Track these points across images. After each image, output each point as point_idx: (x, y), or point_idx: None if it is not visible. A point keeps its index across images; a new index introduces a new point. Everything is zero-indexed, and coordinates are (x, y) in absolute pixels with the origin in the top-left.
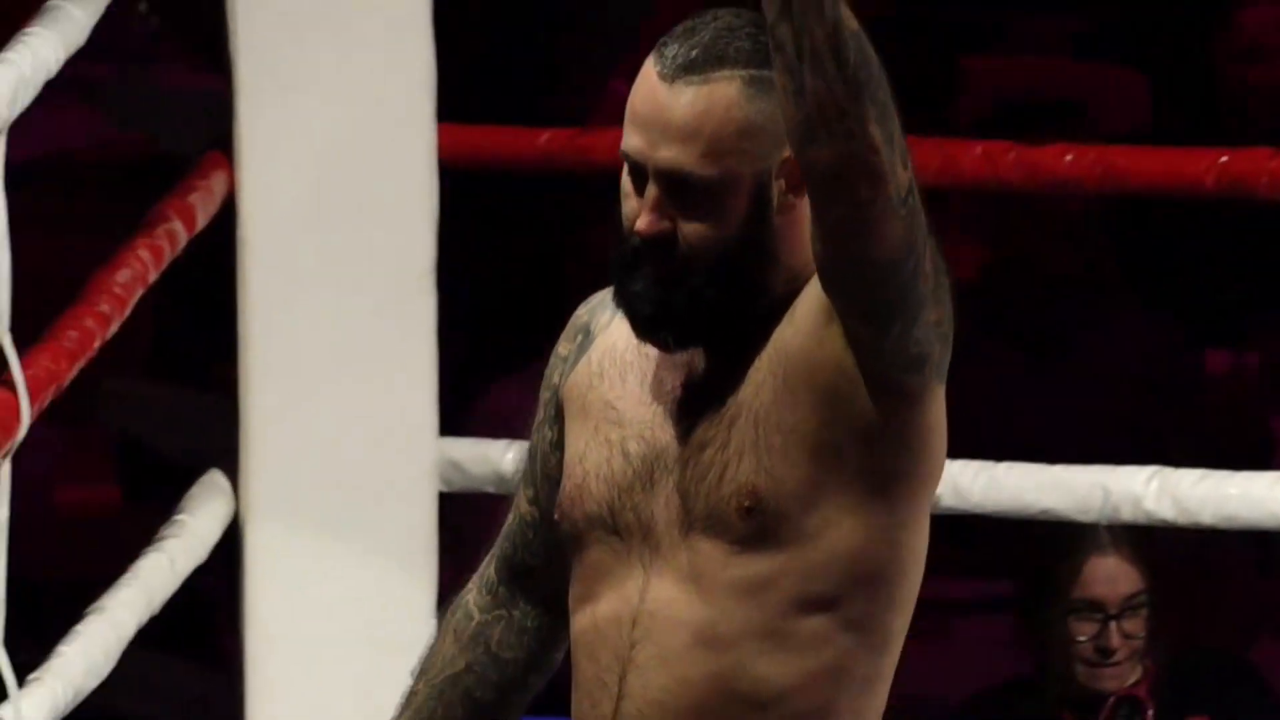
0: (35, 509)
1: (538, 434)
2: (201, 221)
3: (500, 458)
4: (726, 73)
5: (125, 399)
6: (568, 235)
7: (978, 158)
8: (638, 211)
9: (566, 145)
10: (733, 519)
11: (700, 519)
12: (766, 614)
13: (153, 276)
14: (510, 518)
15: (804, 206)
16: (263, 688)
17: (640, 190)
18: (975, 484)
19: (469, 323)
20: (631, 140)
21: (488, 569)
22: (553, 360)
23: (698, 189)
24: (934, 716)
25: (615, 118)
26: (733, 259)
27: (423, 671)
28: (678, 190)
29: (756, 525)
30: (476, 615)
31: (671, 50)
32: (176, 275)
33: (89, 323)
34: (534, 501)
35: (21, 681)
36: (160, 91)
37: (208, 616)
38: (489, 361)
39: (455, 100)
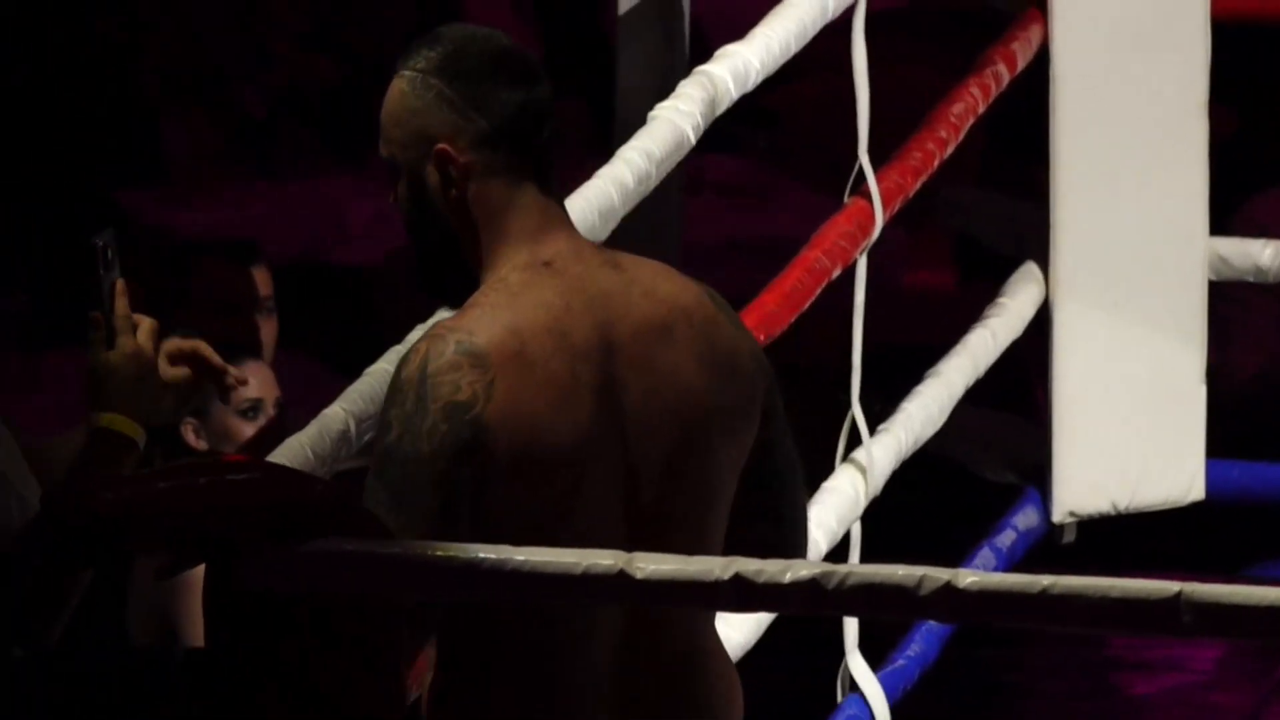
0: (885, 292)
1: None
2: (1020, 65)
3: (1259, 254)
4: (403, 72)
5: (959, 205)
6: None
7: None
8: None
9: None
10: None
11: None
12: None
13: (981, 109)
14: None
15: (473, 195)
16: (1066, 435)
17: None
18: None
19: None
20: None
21: None
22: None
23: (384, 168)
24: None
25: None
26: (417, 236)
27: None
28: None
29: None
30: None
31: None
32: (999, 106)
33: (930, 145)
34: None
35: (873, 430)
36: None
37: (1023, 378)
38: None
39: None
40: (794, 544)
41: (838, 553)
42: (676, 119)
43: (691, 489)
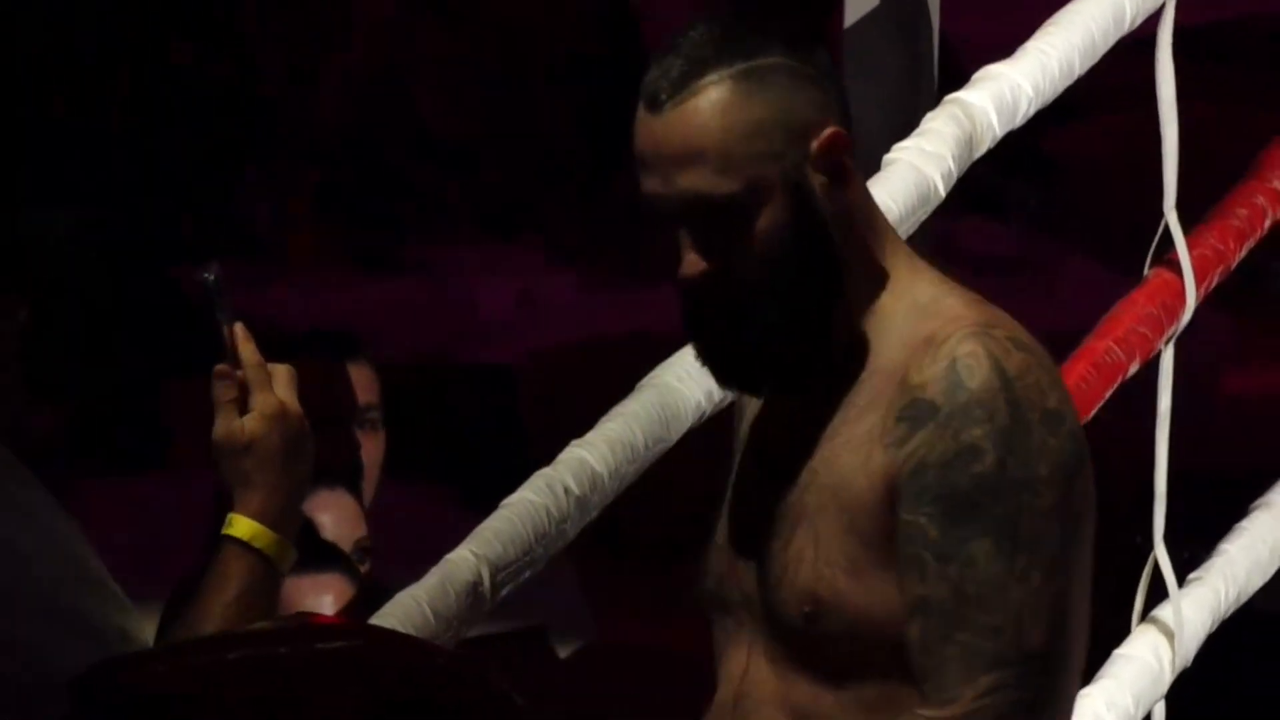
0: (1200, 398)
1: None
2: None
3: None
4: (712, 77)
5: None
6: None
7: None
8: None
9: None
10: (798, 621)
11: (770, 609)
12: (850, 692)
13: None
14: None
15: (853, 194)
16: None
17: (678, 239)
18: None
19: None
20: (647, 184)
21: None
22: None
23: (725, 211)
24: None
25: None
26: (797, 279)
27: None
28: (705, 219)
29: (821, 627)
30: None
31: (651, 78)
32: None
33: (1259, 200)
34: None
35: (1181, 580)
36: None
37: None
38: None
39: None
40: None
41: None
42: (920, 164)
43: None
